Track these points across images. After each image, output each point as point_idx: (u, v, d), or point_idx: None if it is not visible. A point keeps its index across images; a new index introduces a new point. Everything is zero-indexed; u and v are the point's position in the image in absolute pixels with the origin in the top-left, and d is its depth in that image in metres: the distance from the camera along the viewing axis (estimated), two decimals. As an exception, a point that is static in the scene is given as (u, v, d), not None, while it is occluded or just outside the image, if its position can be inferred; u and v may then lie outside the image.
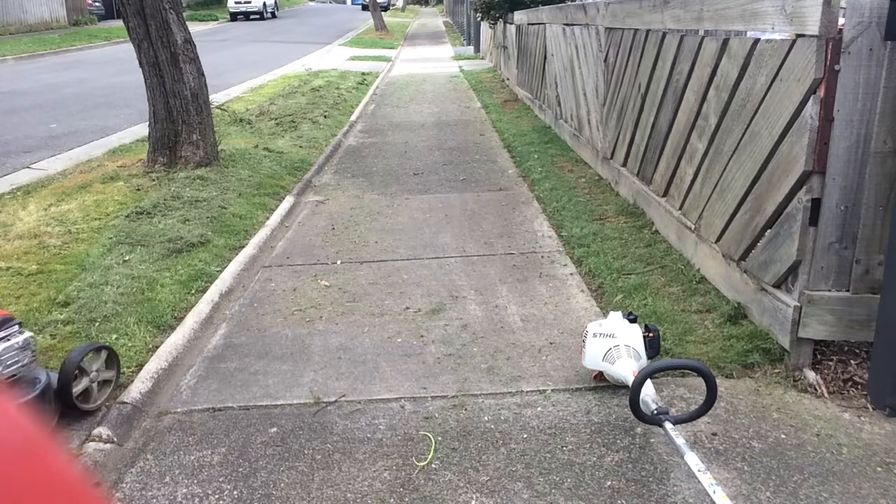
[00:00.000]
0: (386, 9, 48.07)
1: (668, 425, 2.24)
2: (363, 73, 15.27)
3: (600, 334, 2.71)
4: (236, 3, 34.56)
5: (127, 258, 4.15)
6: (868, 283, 2.70)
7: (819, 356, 2.87)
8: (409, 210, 5.41)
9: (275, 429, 2.59)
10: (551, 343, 3.18)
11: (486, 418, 2.61)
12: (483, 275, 4.03)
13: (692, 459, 2.07)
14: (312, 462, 2.39)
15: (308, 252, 4.51)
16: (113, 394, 2.77)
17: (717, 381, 2.36)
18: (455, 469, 2.33)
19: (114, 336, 3.21)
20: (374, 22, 31.09)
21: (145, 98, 6.14)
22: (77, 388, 2.60)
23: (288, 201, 5.56)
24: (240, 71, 14.86)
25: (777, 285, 2.96)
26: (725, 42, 3.45)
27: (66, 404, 2.58)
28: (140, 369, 2.95)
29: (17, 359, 2.45)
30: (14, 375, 2.43)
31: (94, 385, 2.70)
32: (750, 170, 3.16)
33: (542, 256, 4.32)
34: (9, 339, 2.43)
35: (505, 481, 2.26)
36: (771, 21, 2.97)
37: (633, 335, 2.70)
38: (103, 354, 2.76)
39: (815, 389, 2.72)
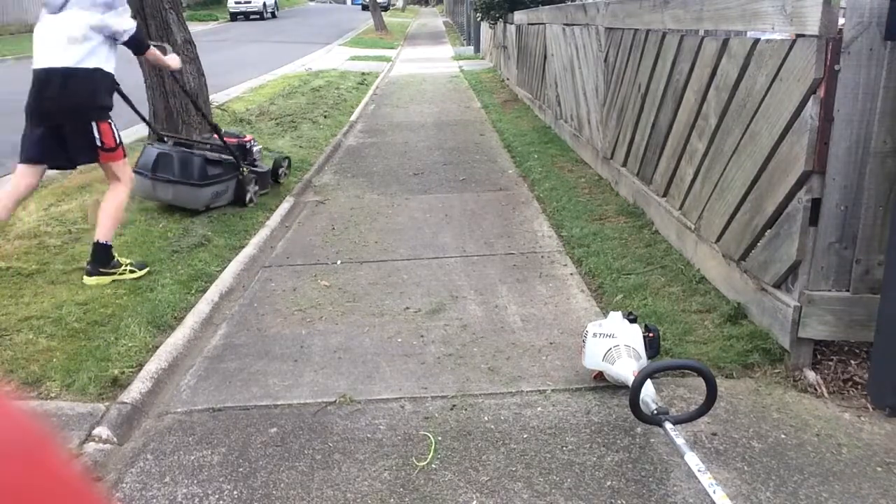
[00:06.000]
0: (386, 9, 48.09)
1: (668, 425, 2.24)
2: (363, 73, 15.27)
3: (600, 334, 2.71)
4: (236, 3, 34.57)
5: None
6: (868, 283, 2.70)
7: (819, 356, 2.87)
8: (409, 210, 5.41)
9: (275, 429, 2.59)
10: (551, 343, 3.18)
11: (486, 418, 2.61)
12: (483, 275, 4.03)
13: (692, 459, 2.07)
14: (312, 462, 2.39)
15: (308, 252, 4.51)
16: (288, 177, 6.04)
17: (717, 381, 2.36)
18: (455, 469, 2.33)
19: (113, 336, 3.21)
20: (374, 22, 31.10)
21: (145, 98, 6.14)
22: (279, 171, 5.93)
23: (288, 201, 5.56)
24: (240, 71, 14.85)
25: (777, 285, 2.96)
26: (725, 42, 3.45)
27: (274, 178, 5.82)
28: (140, 369, 2.95)
29: (257, 156, 5.53)
30: (256, 164, 5.46)
31: (283, 171, 5.99)
32: (750, 170, 3.16)
33: (542, 256, 4.32)
34: (255, 145, 5.56)
35: (505, 481, 2.26)
36: (771, 21, 2.97)
37: (633, 335, 2.70)
38: (286, 162, 6.07)
39: (815, 389, 2.72)
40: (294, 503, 2.20)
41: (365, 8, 42.33)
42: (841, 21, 2.58)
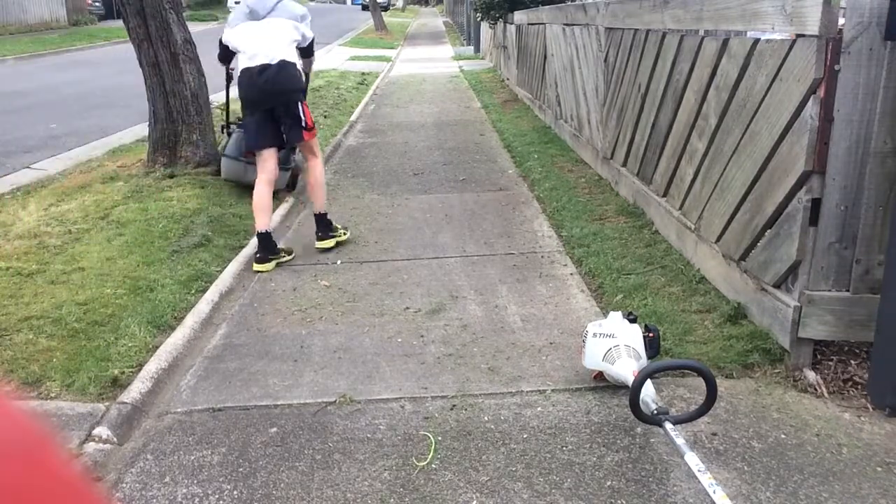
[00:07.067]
0: (386, 9, 48.07)
1: (668, 425, 2.24)
2: (363, 73, 15.27)
3: (600, 334, 2.71)
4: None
5: (127, 257, 4.15)
6: (868, 283, 2.70)
7: (819, 356, 2.87)
8: (409, 210, 5.41)
9: (275, 429, 2.59)
10: (551, 343, 3.18)
11: (486, 418, 2.61)
12: (483, 275, 4.03)
13: (692, 459, 2.07)
14: (312, 462, 2.39)
15: (308, 252, 4.51)
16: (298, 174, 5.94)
17: (717, 381, 2.36)
18: (455, 469, 2.33)
19: (113, 336, 3.21)
20: (374, 22, 31.10)
21: (145, 98, 6.13)
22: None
23: (288, 201, 5.57)
24: (240, 71, 14.80)
25: (777, 285, 2.96)
26: (725, 42, 3.45)
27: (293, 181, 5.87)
28: (140, 369, 2.95)
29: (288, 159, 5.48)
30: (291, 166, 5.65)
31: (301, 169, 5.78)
32: (750, 170, 3.16)
33: (542, 256, 4.32)
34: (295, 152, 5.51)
35: (505, 481, 2.26)
36: (771, 21, 2.97)
37: (633, 335, 2.70)
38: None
39: (815, 389, 2.72)
40: (294, 503, 2.20)
41: (365, 8, 42.32)
42: (841, 21, 2.58)
